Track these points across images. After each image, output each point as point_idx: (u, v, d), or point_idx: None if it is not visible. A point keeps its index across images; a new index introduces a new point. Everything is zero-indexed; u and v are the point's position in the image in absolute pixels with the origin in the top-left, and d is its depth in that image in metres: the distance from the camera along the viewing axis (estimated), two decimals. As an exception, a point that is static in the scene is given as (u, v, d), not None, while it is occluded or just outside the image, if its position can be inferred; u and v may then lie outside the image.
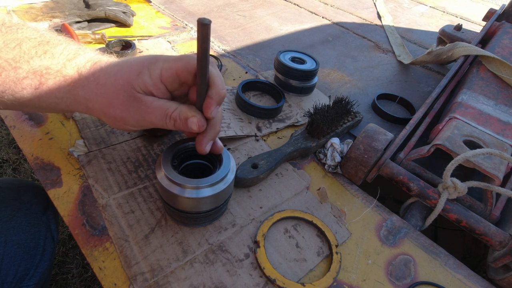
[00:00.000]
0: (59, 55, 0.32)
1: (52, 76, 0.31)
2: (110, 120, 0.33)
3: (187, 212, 0.35)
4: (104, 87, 0.31)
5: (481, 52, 0.65)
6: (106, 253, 0.35)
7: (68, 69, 0.31)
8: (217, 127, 0.34)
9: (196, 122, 0.32)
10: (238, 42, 0.84)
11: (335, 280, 0.36)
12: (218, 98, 0.32)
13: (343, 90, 0.73)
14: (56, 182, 0.41)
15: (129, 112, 0.32)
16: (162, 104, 0.32)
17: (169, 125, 0.32)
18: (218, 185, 0.34)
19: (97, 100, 0.32)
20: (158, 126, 0.33)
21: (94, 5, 0.74)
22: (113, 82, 0.31)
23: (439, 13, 1.34)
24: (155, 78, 0.32)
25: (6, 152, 1.23)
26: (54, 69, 0.31)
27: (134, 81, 0.31)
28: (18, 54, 0.30)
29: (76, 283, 0.88)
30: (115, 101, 0.31)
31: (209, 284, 0.34)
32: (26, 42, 0.31)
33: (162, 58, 0.32)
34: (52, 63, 0.31)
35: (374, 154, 0.45)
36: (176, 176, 0.33)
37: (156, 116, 0.32)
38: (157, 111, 0.32)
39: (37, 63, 0.31)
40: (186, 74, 0.32)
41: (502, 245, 0.39)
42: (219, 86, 0.32)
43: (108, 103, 0.32)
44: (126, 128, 0.34)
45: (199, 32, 0.27)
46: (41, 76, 0.31)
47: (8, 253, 0.45)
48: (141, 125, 0.33)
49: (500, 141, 0.47)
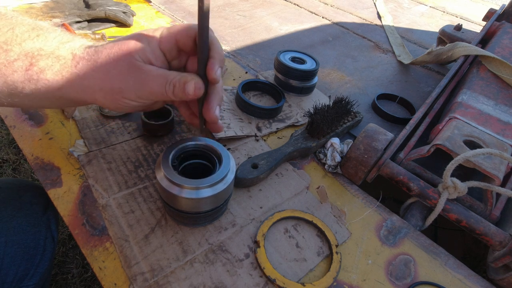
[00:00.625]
0: (53, 39, 0.31)
1: (44, 57, 0.30)
2: (107, 96, 0.31)
3: (187, 212, 0.35)
4: (100, 62, 0.30)
5: (481, 52, 0.65)
6: (106, 253, 0.35)
7: (61, 51, 0.31)
8: (220, 93, 0.34)
9: (193, 85, 0.31)
10: (238, 42, 0.84)
11: (335, 280, 0.36)
12: (219, 58, 0.32)
13: (343, 90, 0.73)
14: (56, 182, 0.41)
15: (127, 81, 0.31)
16: (162, 72, 0.31)
17: (169, 92, 0.31)
18: (218, 185, 0.34)
19: (93, 75, 0.30)
20: (157, 95, 0.32)
21: (94, 5, 0.74)
22: (109, 54, 0.30)
23: (439, 13, 1.34)
24: (154, 45, 0.31)
25: (6, 152, 1.23)
26: (47, 50, 0.30)
27: (132, 49, 0.30)
28: (10, 37, 0.30)
29: (76, 283, 0.88)
30: (113, 71, 0.30)
31: (209, 284, 0.34)
32: (20, 26, 0.30)
33: (161, 28, 0.32)
34: (45, 45, 0.30)
35: (374, 154, 0.45)
36: (175, 177, 0.33)
37: (156, 83, 0.31)
38: (157, 78, 0.31)
39: (29, 45, 0.30)
40: (185, 39, 0.32)
41: (502, 245, 0.39)
42: (218, 47, 0.32)
43: (105, 76, 0.30)
44: (123, 103, 0.32)
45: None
46: (32, 57, 0.30)
47: (8, 253, 0.45)
48: (139, 95, 0.32)
49: (500, 141, 0.47)
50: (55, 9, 0.69)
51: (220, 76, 0.32)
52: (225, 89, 0.62)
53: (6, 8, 0.30)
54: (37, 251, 0.48)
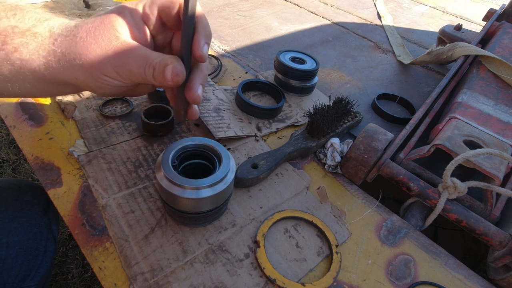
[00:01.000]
0: (30, 18, 0.29)
1: (19, 34, 0.28)
2: (87, 72, 0.30)
3: (187, 212, 0.35)
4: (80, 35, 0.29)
5: (481, 52, 0.65)
6: (106, 253, 0.35)
7: (38, 28, 0.29)
8: (205, 71, 0.32)
9: (171, 69, 0.29)
10: (238, 42, 0.84)
11: (335, 280, 0.36)
12: (205, 33, 0.30)
13: (343, 90, 0.73)
14: (56, 182, 0.41)
15: (108, 58, 0.29)
16: (144, 51, 0.29)
17: (148, 75, 0.29)
18: (218, 185, 0.34)
19: (72, 50, 0.29)
20: (136, 76, 0.30)
21: (94, 5, 0.74)
22: (89, 28, 0.29)
23: (439, 13, 1.34)
24: (137, 17, 0.30)
25: (6, 152, 1.23)
26: (21, 28, 0.28)
27: (114, 22, 0.29)
28: None
29: (76, 283, 0.88)
30: (93, 45, 0.29)
31: (209, 284, 0.34)
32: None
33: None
34: (21, 23, 0.29)
35: (374, 154, 0.45)
36: (176, 177, 0.33)
37: (136, 64, 0.29)
38: (138, 58, 0.29)
39: (4, 24, 0.28)
40: (168, 11, 0.30)
41: (502, 245, 0.39)
42: (205, 22, 0.29)
43: (85, 51, 0.29)
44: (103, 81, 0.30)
45: None
46: (6, 35, 0.28)
47: (10, 254, 0.45)
48: (119, 73, 0.30)
49: (500, 141, 0.47)
50: (55, 9, 0.69)
51: (207, 53, 0.30)
52: (225, 89, 0.62)
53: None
54: (38, 252, 0.48)
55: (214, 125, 0.50)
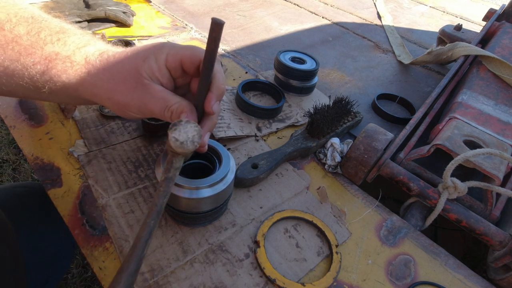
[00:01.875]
0: (71, 43, 0.33)
1: (61, 61, 0.32)
2: (114, 106, 0.34)
3: (187, 212, 0.35)
4: (110, 73, 0.32)
5: (481, 52, 0.65)
6: (106, 253, 0.35)
7: (76, 56, 0.32)
8: (214, 120, 0.35)
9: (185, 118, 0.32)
10: (238, 42, 0.84)
11: (335, 280, 0.36)
12: (219, 94, 0.32)
13: (343, 90, 0.73)
14: (56, 182, 0.41)
15: (133, 98, 0.32)
16: (166, 95, 0.32)
17: (167, 116, 0.33)
18: (218, 185, 0.34)
19: (102, 85, 0.32)
20: (156, 116, 0.33)
21: (94, 5, 0.74)
22: (120, 68, 0.32)
23: (439, 13, 1.34)
24: (160, 63, 0.32)
25: (6, 152, 1.23)
26: (63, 55, 0.32)
27: (141, 67, 0.32)
28: (36, 41, 0.32)
29: (76, 283, 0.88)
30: (121, 86, 0.32)
31: (209, 284, 0.34)
32: (45, 30, 0.32)
33: (169, 44, 0.33)
34: (62, 49, 0.32)
35: (374, 154, 0.45)
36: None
37: (157, 106, 0.32)
38: (159, 101, 0.32)
39: (50, 49, 0.32)
40: (190, 64, 0.33)
41: (502, 245, 0.39)
42: (220, 81, 0.32)
43: (114, 88, 0.32)
44: (128, 115, 0.35)
45: (212, 32, 0.27)
46: (50, 61, 0.32)
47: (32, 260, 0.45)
48: (142, 112, 0.33)
49: (500, 141, 0.47)
50: (55, 9, 0.69)
51: (217, 109, 0.33)
52: (225, 89, 0.62)
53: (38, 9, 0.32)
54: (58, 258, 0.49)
55: (214, 125, 0.50)
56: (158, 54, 0.32)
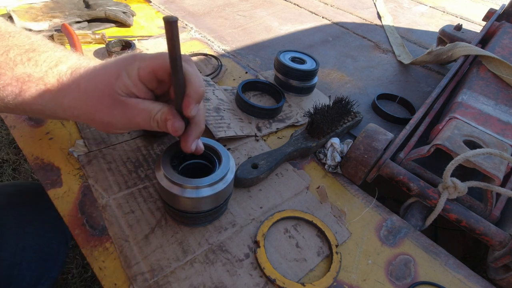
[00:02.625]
0: (42, 63, 0.32)
1: (34, 84, 0.31)
2: (98, 125, 0.33)
3: (187, 212, 0.35)
4: (85, 93, 0.31)
5: (481, 52, 0.65)
6: (106, 253, 0.35)
7: (49, 77, 0.32)
8: (201, 125, 0.34)
9: (171, 125, 0.31)
10: (238, 42, 0.84)
11: (335, 280, 0.36)
12: (196, 96, 0.31)
13: (343, 90, 0.73)
14: (56, 182, 0.41)
15: (114, 116, 0.31)
16: (147, 106, 0.32)
17: (154, 127, 0.32)
18: (217, 184, 0.34)
19: (81, 107, 0.32)
20: (144, 128, 0.33)
21: (94, 5, 0.74)
22: (94, 88, 0.31)
23: (439, 13, 1.34)
24: (134, 79, 0.31)
25: (6, 152, 1.23)
26: (36, 76, 0.31)
27: (114, 84, 0.31)
28: (4, 61, 0.31)
29: (76, 283, 0.88)
30: (99, 106, 0.31)
31: (209, 284, 0.34)
32: (14, 49, 0.31)
33: (139, 57, 0.32)
34: (34, 70, 0.31)
35: (374, 154, 0.45)
36: (175, 176, 0.33)
37: (141, 118, 0.32)
38: (142, 113, 0.31)
39: (21, 70, 0.31)
40: (162, 72, 0.31)
41: (502, 245, 0.39)
42: (196, 84, 0.31)
43: (93, 109, 0.31)
44: (116, 132, 0.34)
45: (166, 32, 0.26)
46: (23, 83, 0.31)
47: (25, 258, 0.45)
48: (129, 127, 0.33)
49: (500, 141, 0.47)
50: (55, 9, 0.69)
51: (196, 111, 0.32)
52: (225, 89, 0.62)
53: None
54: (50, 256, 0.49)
55: (214, 124, 0.50)
56: (129, 69, 0.31)
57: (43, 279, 0.47)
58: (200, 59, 0.72)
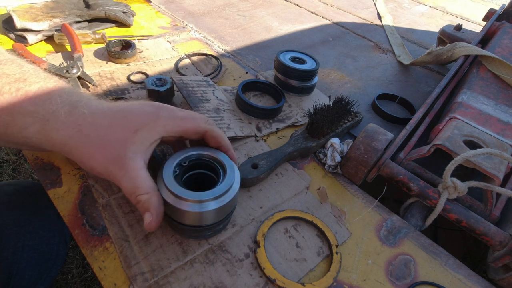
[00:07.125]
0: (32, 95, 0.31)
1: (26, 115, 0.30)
2: (85, 168, 0.31)
3: (190, 226, 0.34)
4: (88, 138, 0.29)
5: (481, 52, 0.65)
6: (106, 253, 0.35)
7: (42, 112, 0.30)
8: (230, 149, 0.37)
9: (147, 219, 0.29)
10: (238, 42, 0.84)
11: (335, 280, 0.36)
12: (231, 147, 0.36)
13: (343, 90, 0.73)
14: (56, 182, 0.41)
15: (107, 170, 0.30)
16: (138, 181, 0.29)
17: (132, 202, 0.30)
18: (222, 198, 0.32)
19: (76, 147, 0.30)
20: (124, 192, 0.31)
21: (94, 5, 0.74)
22: (101, 137, 0.29)
23: (439, 13, 1.34)
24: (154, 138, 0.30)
25: (6, 152, 1.23)
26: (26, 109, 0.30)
27: (129, 140, 0.29)
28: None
29: (76, 283, 0.88)
30: (98, 155, 0.29)
31: (209, 284, 0.34)
32: (3, 78, 0.30)
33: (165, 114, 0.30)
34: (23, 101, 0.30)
35: (374, 154, 0.45)
36: (178, 189, 0.31)
37: (126, 186, 0.30)
38: (130, 183, 0.29)
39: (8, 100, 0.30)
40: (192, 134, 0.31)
41: (502, 245, 0.39)
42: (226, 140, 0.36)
43: (89, 156, 0.30)
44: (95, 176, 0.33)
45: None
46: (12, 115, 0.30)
47: (24, 258, 0.45)
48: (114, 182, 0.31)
49: (500, 141, 0.47)
50: (55, 9, 0.69)
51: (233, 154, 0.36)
52: (225, 89, 0.62)
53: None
54: (50, 256, 0.49)
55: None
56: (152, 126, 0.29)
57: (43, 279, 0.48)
58: (200, 59, 0.72)
